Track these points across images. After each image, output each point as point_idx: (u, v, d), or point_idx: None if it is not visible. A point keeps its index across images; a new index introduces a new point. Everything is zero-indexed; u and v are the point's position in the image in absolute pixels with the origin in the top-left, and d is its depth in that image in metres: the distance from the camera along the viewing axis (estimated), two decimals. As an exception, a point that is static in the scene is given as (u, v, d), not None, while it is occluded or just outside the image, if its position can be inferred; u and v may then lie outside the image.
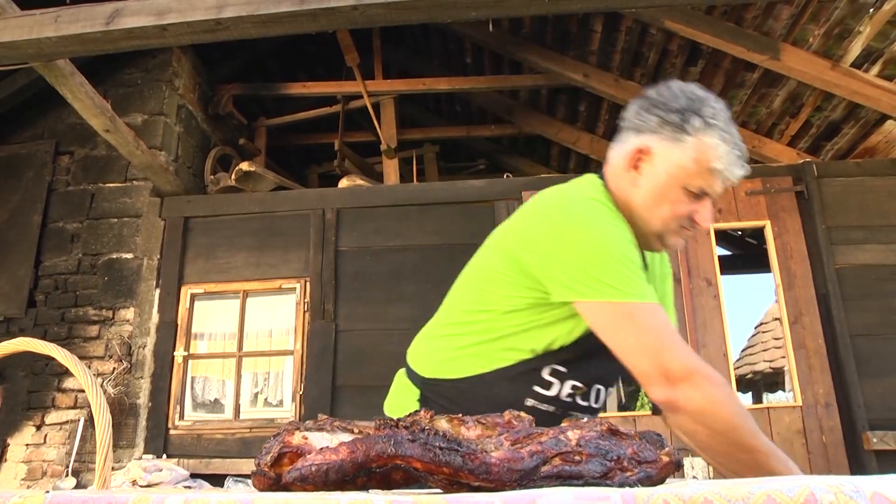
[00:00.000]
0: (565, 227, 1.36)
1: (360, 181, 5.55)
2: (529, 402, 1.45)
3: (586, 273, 1.32)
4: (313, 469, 0.80)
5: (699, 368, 1.28)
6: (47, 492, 0.65)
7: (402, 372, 1.67)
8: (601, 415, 5.91)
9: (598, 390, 1.53)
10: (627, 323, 1.30)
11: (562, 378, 1.46)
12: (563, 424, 0.91)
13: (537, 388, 1.45)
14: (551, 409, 1.46)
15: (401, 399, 1.62)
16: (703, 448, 1.32)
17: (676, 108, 1.38)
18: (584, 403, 1.51)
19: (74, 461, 4.59)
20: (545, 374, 1.45)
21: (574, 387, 1.47)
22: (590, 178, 1.54)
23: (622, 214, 1.45)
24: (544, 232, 1.38)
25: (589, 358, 1.45)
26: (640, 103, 1.46)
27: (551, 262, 1.36)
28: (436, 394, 1.53)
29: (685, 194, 1.40)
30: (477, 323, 1.49)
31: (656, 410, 1.48)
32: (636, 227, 1.45)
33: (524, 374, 1.45)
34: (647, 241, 1.49)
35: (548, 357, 1.44)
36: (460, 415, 0.91)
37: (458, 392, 1.50)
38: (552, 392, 1.46)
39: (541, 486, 0.76)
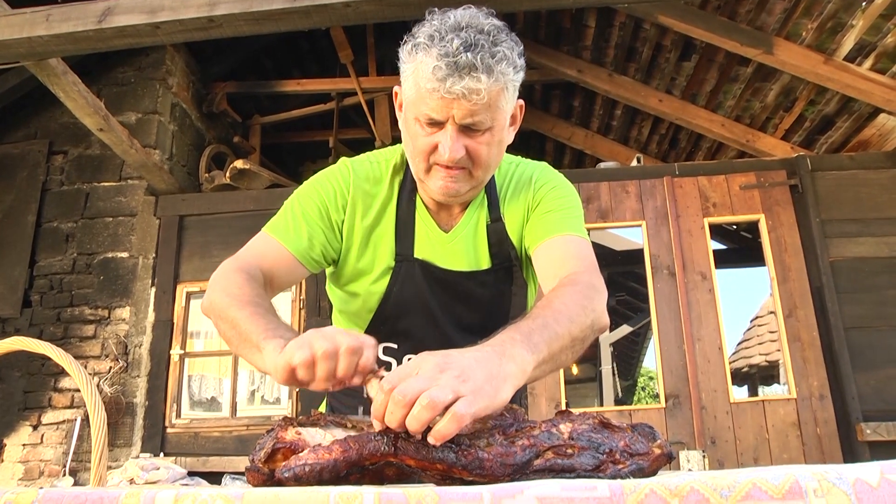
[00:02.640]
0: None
1: (354, 178, 5.53)
2: None
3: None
4: (307, 469, 0.81)
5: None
6: (41, 488, 0.65)
7: None
8: (597, 409, 5.92)
9: None
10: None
11: (397, 355, 1.45)
12: (554, 417, 0.92)
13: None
14: None
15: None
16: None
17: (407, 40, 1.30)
18: None
19: (72, 461, 4.58)
20: (381, 355, 1.44)
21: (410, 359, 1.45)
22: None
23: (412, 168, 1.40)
24: None
25: (403, 323, 1.45)
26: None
27: None
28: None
29: (420, 126, 1.26)
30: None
31: None
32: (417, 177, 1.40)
33: None
34: (424, 188, 1.40)
35: (373, 335, 1.44)
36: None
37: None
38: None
39: (533, 480, 0.77)
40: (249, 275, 1.30)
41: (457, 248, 1.45)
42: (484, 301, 1.48)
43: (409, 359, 1.41)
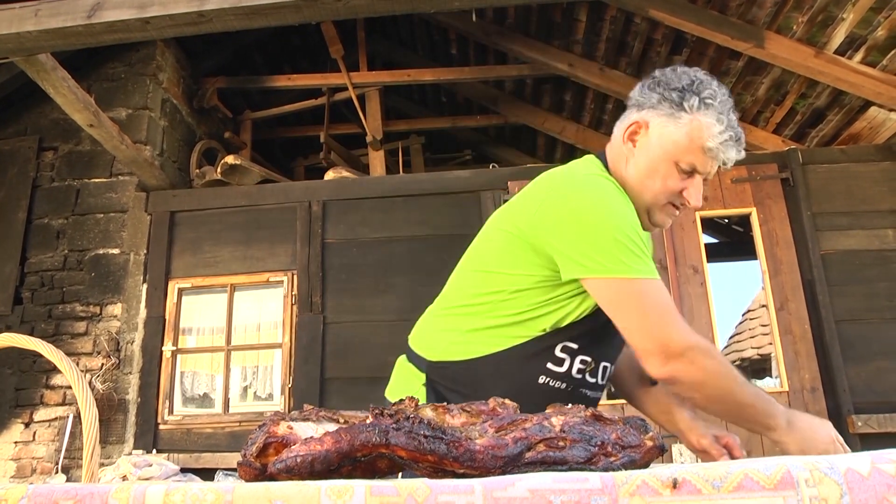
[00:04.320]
0: (574, 204, 1.39)
1: (346, 173, 5.53)
2: (542, 379, 1.47)
3: (595, 249, 1.35)
4: (298, 460, 0.81)
5: (695, 343, 1.35)
6: (31, 484, 0.65)
7: (403, 358, 1.67)
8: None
9: (605, 367, 1.55)
10: (633, 299, 1.35)
11: (572, 354, 1.48)
12: (546, 411, 0.92)
13: (551, 366, 1.47)
14: (563, 385, 1.48)
15: (404, 384, 1.61)
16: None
17: (678, 86, 1.43)
18: (592, 380, 1.53)
19: (64, 458, 4.57)
20: (558, 352, 1.47)
21: (583, 362, 1.49)
22: (590, 158, 1.58)
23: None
24: (554, 209, 1.41)
25: (596, 334, 1.48)
26: (646, 82, 1.51)
27: (561, 239, 1.39)
28: (443, 377, 1.53)
29: (677, 170, 1.43)
30: (486, 304, 1.50)
31: (653, 382, 1.54)
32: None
33: (538, 351, 1.46)
34: (645, 217, 1.51)
35: (559, 334, 1.46)
36: (446, 403, 0.91)
37: (469, 373, 1.50)
38: (564, 368, 1.48)
39: (525, 472, 0.77)
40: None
41: None
42: None
43: (583, 361, 1.50)
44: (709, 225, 7.66)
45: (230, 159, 5.34)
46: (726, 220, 7.55)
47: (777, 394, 4.45)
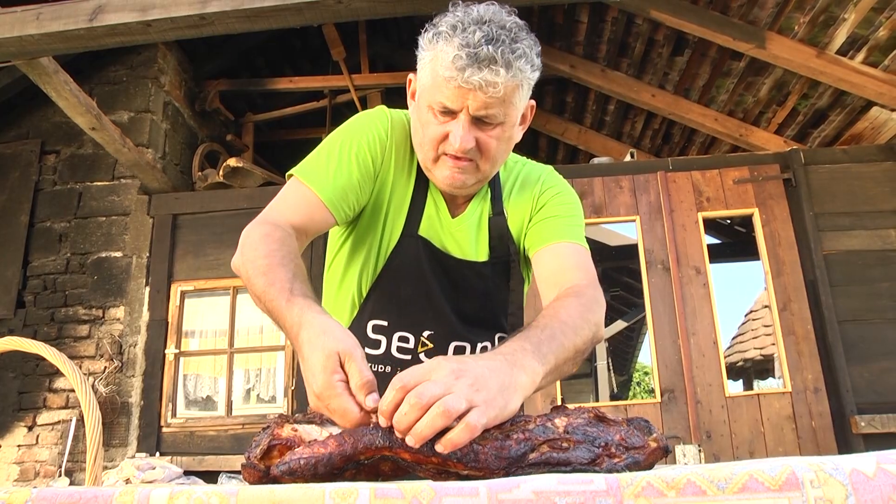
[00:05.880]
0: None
1: (348, 175, 5.53)
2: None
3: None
4: (302, 462, 0.81)
5: (244, 233, 1.41)
6: (34, 487, 0.65)
7: None
8: (593, 405, 5.91)
9: (460, 348, 1.45)
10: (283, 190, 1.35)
11: (386, 333, 1.42)
12: (550, 412, 0.92)
13: (367, 350, 1.39)
14: (387, 368, 1.40)
15: None
16: None
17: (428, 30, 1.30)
18: None
19: (67, 461, 4.57)
20: (370, 333, 1.42)
21: (403, 339, 1.42)
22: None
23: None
24: None
25: (400, 302, 1.42)
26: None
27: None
28: None
29: (433, 114, 1.28)
30: (329, 294, 1.53)
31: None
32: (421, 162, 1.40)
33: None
34: (430, 177, 1.40)
35: (364, 313, 1.42)
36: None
37: None
38: (380, 350, 1.42)
39: (529, 473, 0.76)
40: (282, 231, 1.30)
41: (461, 235, 1.45)
42: (480, 292, 1.47)
43: (402, 338, 1.41)
44: (711, 226, 7.65)
45: (232, 162, 5.35)
46: (728, 221, 7.54)
47: (780, 394, 4.45)
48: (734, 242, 7.79)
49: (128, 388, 4.82)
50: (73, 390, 4.73)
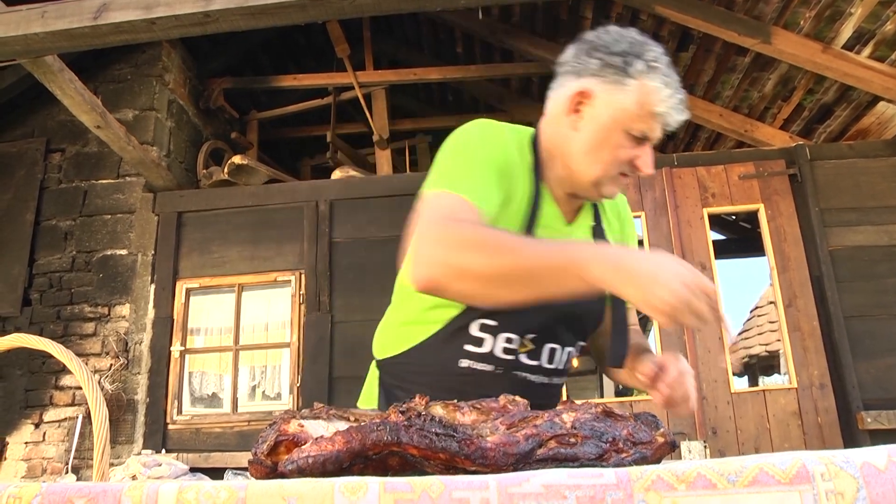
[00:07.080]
0: (447, 144, 1.39)
1: (353, 172, 5.54)
2: (464, 363, 1.39)
3: (434, 168, 1.36)
4: (310, 461, 0.81)
5: (420, 234, 1.25)
6: (43, 482, 0.65)
7: (373, 362, 1.65)
8: (598, 400, 5.92)
9: (553, 350, 1.44)
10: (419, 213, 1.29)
11: (493, 332, 1.39)
12: (558, 407, 0.92)
13: (468, 347, 1.39)
14: (489, 368, 1.39)
15: (368, 387, 1.59)
16: (487, 301, 1.25)
17: (618, 51, 1.34)
18: (533, 362, 1.42)
19: (74, 458, 4.59)
20: (474, 331, 1.39)
21: (508, 340, 1.39)
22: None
23: (555, 163, 1.43)
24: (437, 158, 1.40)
25: (513, 307, 1.39)
26: (579, 46, 1.40)
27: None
28: (387, 373, 1.51)
29: (627, 138, 1.34)
30: (408, 294, 1.48)
31: (613, 363, 1.48)
32: (572, 173, 1.41)
33: (454, 333, 1.39)
34: (583, 188, 1.42)
35: (473, 311, 1.38)
36: (455, 400, 0.91)
37: (400, 367, 1.47)
38: (485, 349, 1.39)
39: (537, 469, 0.76)
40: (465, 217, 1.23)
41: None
42: (585, 298, 1.47)
43: (507, 339, 1.39)
44: (716, 222, 7.64)
45: (237, 159, 5.35)
46: (734, 217, 7.54)
47: (786, 391, 4.44)
48: (739, 238, 7.79)
49: (133, 386, 4.83)
50: (79, 388, 4.74)
